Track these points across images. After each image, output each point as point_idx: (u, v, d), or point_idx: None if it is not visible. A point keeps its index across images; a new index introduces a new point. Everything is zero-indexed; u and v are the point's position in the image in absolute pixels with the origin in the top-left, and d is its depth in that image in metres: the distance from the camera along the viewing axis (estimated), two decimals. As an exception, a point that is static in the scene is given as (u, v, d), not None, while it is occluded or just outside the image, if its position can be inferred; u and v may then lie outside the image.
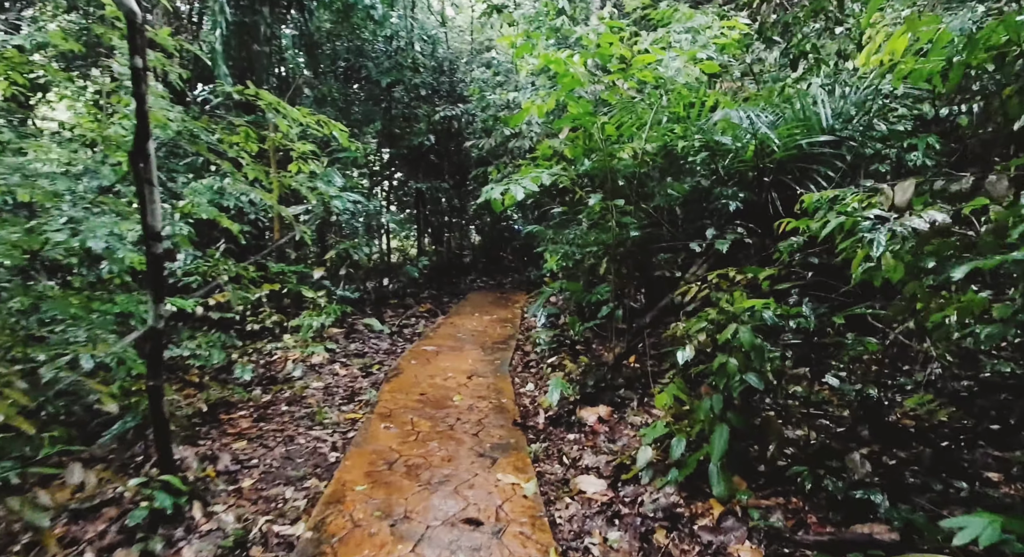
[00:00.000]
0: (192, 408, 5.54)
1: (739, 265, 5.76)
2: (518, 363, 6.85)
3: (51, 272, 6.48)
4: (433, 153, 13.59)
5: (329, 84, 11.64)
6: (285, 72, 11.94)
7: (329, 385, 6.52)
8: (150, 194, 3.26)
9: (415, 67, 12.16)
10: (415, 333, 8.85)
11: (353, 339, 8.27)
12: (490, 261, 16.76)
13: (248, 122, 7.68)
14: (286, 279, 8.16)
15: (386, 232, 13.54)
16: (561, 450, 4.33)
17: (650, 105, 4.97)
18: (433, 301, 11.39)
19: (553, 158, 6.03)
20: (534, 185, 4.10)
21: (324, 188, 6.99)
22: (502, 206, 4.05)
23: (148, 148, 3.25)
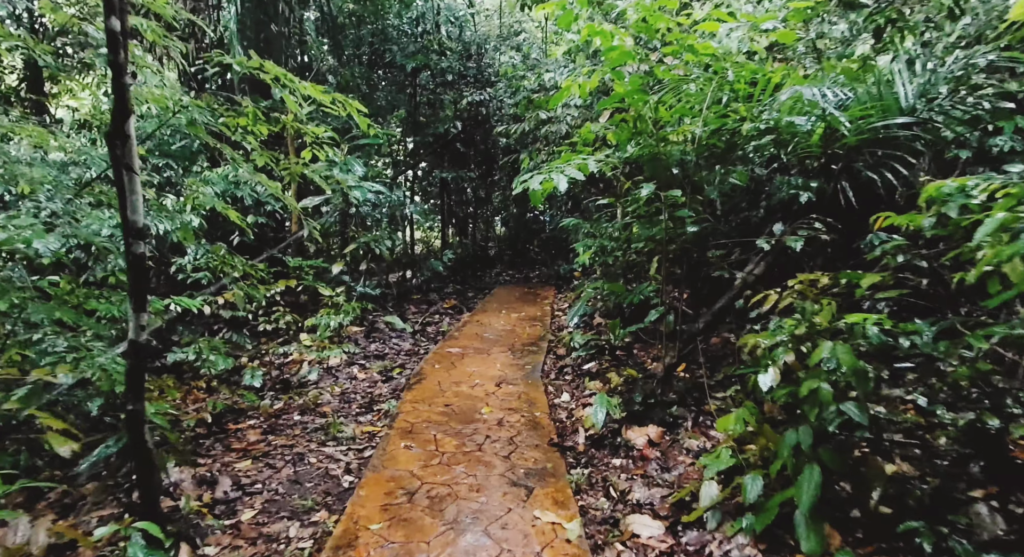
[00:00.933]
0: (196, 417, 5.09)
1: (802, 265, 5.12)
2: (551, 368, 6.27)
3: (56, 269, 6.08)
4: (459, 141, 13.03)
5: (353, 69, 11.13)
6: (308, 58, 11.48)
7: (346, 391, 6.02)
8: (130, 183, 2.75)
9: (441, 51, 11.58)
10: (439, 332, 8.32)
11: (373, 338, 7.77)
12: (516, 254, 16.18)
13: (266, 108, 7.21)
14: (303, 275, 7.69)
15: (410, 223, 13.04)
16: (607, 479, 3.75)
17: (708, 81, 4.33)
18: (458, 296, 10.86)
19: (595, 144, 5.42)
20: (579, 173, 3.51)
21: (343, 177, 6.47)
22: (542, 197, 3.48)
23: (127, 128, 2.73)
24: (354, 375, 6.48)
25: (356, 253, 7.90)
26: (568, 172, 3.50)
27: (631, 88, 4.34)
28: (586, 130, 5.11)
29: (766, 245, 4.11)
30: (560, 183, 3.42)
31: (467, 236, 16.50)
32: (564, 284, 11.60)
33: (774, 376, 2.79)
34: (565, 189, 3.40)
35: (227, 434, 4.97)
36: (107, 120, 4.28)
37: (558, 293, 10.92)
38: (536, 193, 3.46)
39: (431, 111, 12.37)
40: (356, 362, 6.86)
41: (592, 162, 3.69)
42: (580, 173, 3.50)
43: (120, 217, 2.76)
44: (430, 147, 12.47)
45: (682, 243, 4.36)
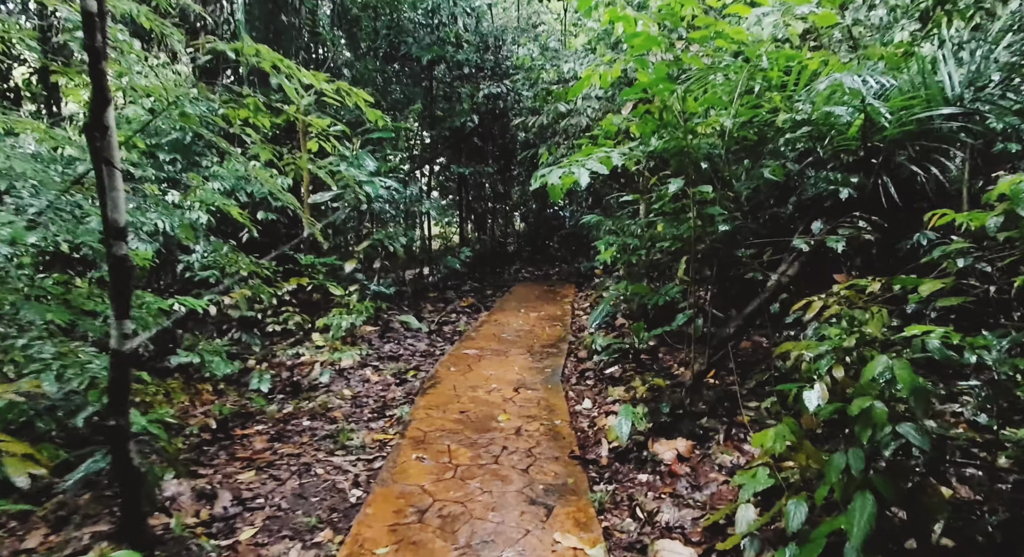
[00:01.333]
0: (201, 422, 4.90)
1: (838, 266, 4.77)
2: (571, 372, 5.99)
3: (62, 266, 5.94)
4: (476, 135, 12.75)
5: (367, 62, 10.90)
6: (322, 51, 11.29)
7: (358, 394, 5.80)
8: (110, 178, 2.52)
9: (458, 43, 11.31)
10: (455, 332, 8.08)
11: (388, 339, 7.55)
12: (535, 250, 15.90)
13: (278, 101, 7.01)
14: (315, 272, 7.49)
15: (427, 219, 12.81)
16: (632, 497, 3.47)
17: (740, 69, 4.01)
18: (475, 294, 10.61)
19: (617, 137, 5.11)
20: (603, 167, 3.22)
21: (353, 173, 6.24)
22: (562, 193, 3.19)
23: (106, 119, 2.50)
24: (367, 377, 6.26)
25: (370, 250, 7.68)
26: (590, 166, 3.21)
27: (656, 77, 4.02)
28: (608, 122, 4.80)
29: (804, 245, 3.79)
30: (581, 177, 3.13)
31: (485, 232, 16.24)
32: (584, 282, 11.29)
33: (821, 393, 2.48)
34: (586, 184, 3.11)
35: (233, 441, 4.78)
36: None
37: (578, 291, 10.62)
38: (556, 188, 3.17)
39: (448, 105, 12.11)
40: (369, 363, 6.64)
41: (616, 155, 3.40)
42: (603, 167, 3.21)
43: (101, 216, 2.53)
44: (447, 141, 12.22)
45: (712, 242, 4.04)
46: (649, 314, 5.89)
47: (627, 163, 4.49)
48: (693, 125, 4.05)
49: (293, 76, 3.21)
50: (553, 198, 3.21)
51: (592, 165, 3.23)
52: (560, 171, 3.20)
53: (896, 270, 4.36)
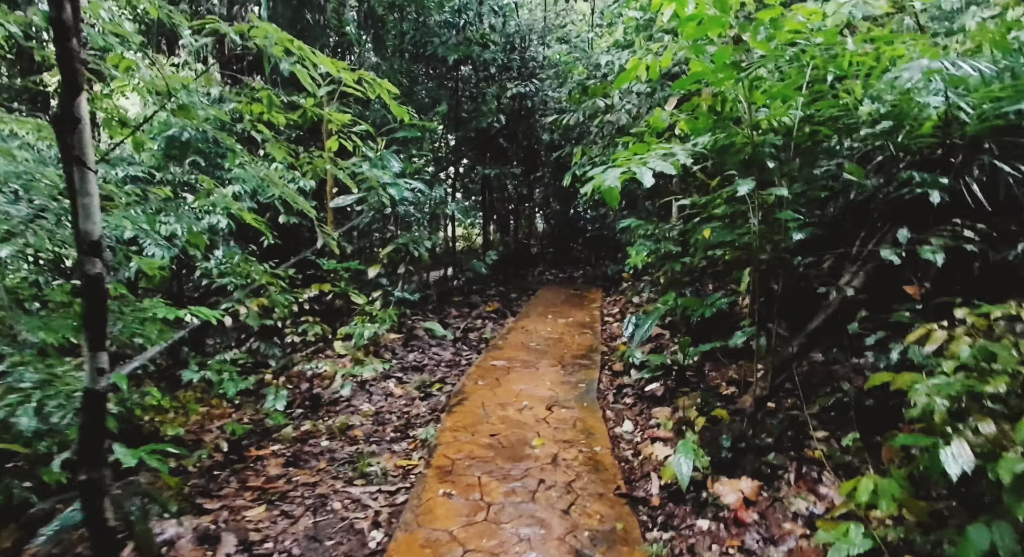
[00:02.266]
0: (213, 442, 4.43)
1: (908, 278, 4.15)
2: (607, 388, 5.42)
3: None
4: (502, 137, 12.21)
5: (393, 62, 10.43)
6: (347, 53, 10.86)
7: (380, 410, 5.30)
8: (82, 181, 2.02)
9: (484, 43, 10.77)
10: (482, 338, 7.55)
11: (412, 347, 7.05)
12: (559, 252, 15.32)
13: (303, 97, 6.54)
14: (338, 278, 7.01)
15: (451, 221, 12.31)
16: (694, 550, 2.90)
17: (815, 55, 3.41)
18: (500, 299, 10.08)
19: (665, 134, 4.54)
20: (669, 167, 2.66)
21: (377, 174, 5.74)
22: (618, 195, 2.64)
23: (77, 109, 2.00)
24: (390, 391, 5.76)
25: (394, 255, 7.18)
26: (654, 165, 2.66)
27: (717, 65, 3.43)
28: (656, 118, 4.23)
29: (894, 257, 3.17)
30: (644, 177, 2.58)
31: (508, 233, 15.72)
32: (612, 286, 10.69)
33: (965, 454, 1.89)
34: (649, 184, 2.55)
35: (246, 464, 4.30)
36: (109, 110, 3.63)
37: (606, 295, 10.03)
38: (612, 192, 2.62)
39: (473, 106, 11.58)
40: (392, 375, 6.14)
41: (681, 153, 2.83)
42: (669, 167, 2.65)
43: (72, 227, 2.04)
44: (472, 143, 11.70)
45: (781, 252, 3.46)
46: (692, 325, 5.29)
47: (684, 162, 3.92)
48: (758, 120, 3.46)
49: (307, 60, 2.69)
50: (610, 202, 2.65)
51: (657, 164, 2.67)
52: (617, 172, 2.64)
53: (987, 286, 3.74)
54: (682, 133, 4.45)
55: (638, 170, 2.63)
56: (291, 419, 5.25)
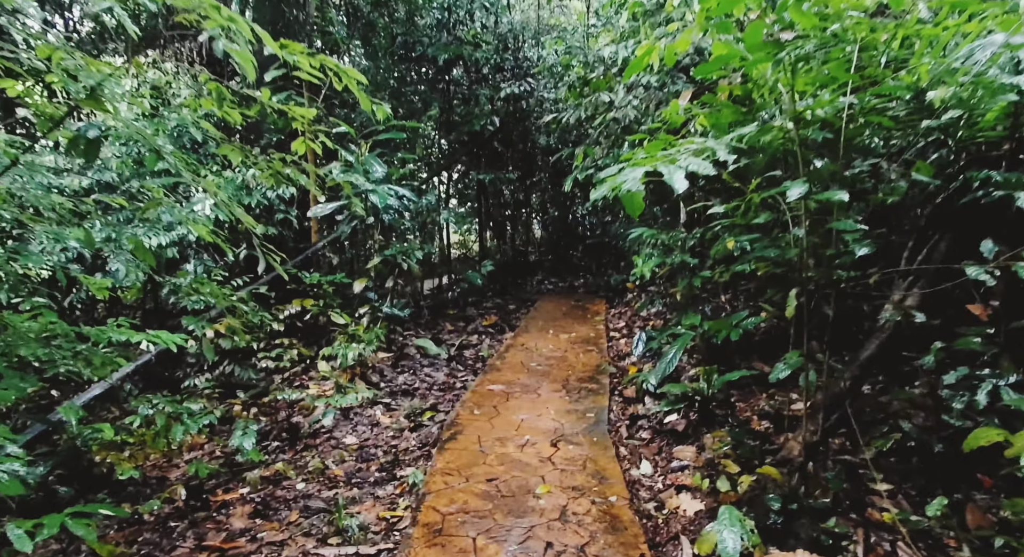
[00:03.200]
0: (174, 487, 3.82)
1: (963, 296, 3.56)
2: (618, 418, 4.81)
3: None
4: (496, 140, 11.63)
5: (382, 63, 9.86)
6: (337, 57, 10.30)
7: (365, 443, 4.69)
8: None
9: (476, 42, 10.20)
10: (478, 357, 6.94)
11: (402, 368, 6.43)
12: (558, 259, 14.70)
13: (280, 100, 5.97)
14: (322, 294, 6.40)
15: (446, 229, 11.71)
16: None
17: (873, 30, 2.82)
18: (498, 311, 9.46)
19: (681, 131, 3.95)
20: (705, 165, 2.06)
21: (357, 180, 5.14)
22: (642, 201, 2.04)
23: None
24: (376, 420, 5.14)
25: (382, 267, 6.57)
26: (685, 162, 2.06)
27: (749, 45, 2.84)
28: (672, 110, 3.64)
29: (986, 276, 2.57)
30: (675, 179, 1.98)
31: (505, 240, 15.12)
32: (616, 296, 10.09)
33: None
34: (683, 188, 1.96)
35: (208, 511, 3.69)
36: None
37: (610, 307, 9.42)
38: (633, 197, 2.02)
39: (465, 108, 11.00)
40: (380, 401, 5.52)
41: (720, 147, 2.23)
42: (705, 165, 2.05)
43: None
44: (465, 147, 11.12)
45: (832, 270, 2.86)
46: (713, 347, 4.69)
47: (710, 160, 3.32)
48: (801, 111, 2.86)
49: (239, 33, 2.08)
50: (630, 211, 2.06)
51: (690, 162, 2.07)
52: (638, 172, 2.04)
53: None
54: (701, 129, 3.86)
55: (666, 170, 2.03)
56: (266, 453, 4.63)
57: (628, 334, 7.43)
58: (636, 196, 2.03)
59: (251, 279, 6.56)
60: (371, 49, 10.33)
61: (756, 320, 4.31)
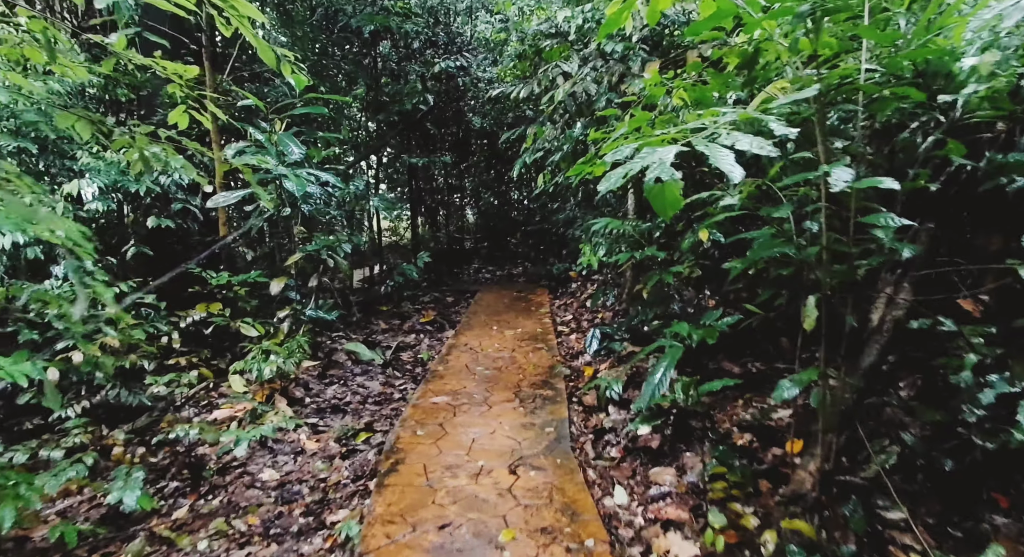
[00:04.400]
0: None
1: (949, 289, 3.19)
2: (581, 430, 4.23)
3: None
4: (429, 121, 10.76)
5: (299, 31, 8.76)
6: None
7: (287, 478, 3.89)
8: None
9: (405, 13, 9.24)
10: (417, 360, 6.20)
11: (331, 378, 5.60)
12: (494, 247, 14.03)
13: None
14: (235, 297, 5.47)
15: (376, 217, 10.75)
16: None
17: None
18: (436, 305, 8.71)
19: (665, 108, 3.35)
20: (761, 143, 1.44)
21: (270, 163, 4.26)
22: (681, 197, 1.40)
23: None
24: (300, 446, 4.33)
25: (305, 264, 5.69)
26: (731, 139, 1.43)
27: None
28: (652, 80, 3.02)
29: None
30: (723, 162, 1.36)
31: (438, 227, 14.31)
32: (558, 285, 9.54)
33: None
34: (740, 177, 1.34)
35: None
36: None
37: (554, 298, 8.86)
38: (666, 190, 1.37)
39: (395, 87, 10.05)
40: (305, 421, 4.70)
41: (775, 122, 1.62)
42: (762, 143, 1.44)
43: None
44: (395, 128, 10.18)
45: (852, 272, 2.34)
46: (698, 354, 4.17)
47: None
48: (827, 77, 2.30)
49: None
50: (661, 211, 1.41)
51: (737, 138, 1.44)
52: (665, 153, 1.39)
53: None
54: (679, 105, 3.26)
55: (710, 150, 1.40)
56: (162, 498, 3.75)
57: (577, 328, 6.89)
58: (670, 188, 1.38)
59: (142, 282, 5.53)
60: (286, 18, 9.19)
61: (731, 320, 3.82)
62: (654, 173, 1.38)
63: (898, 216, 2.05)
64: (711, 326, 3.81)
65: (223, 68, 7.03)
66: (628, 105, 3.85)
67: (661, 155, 1.41)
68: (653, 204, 1.42)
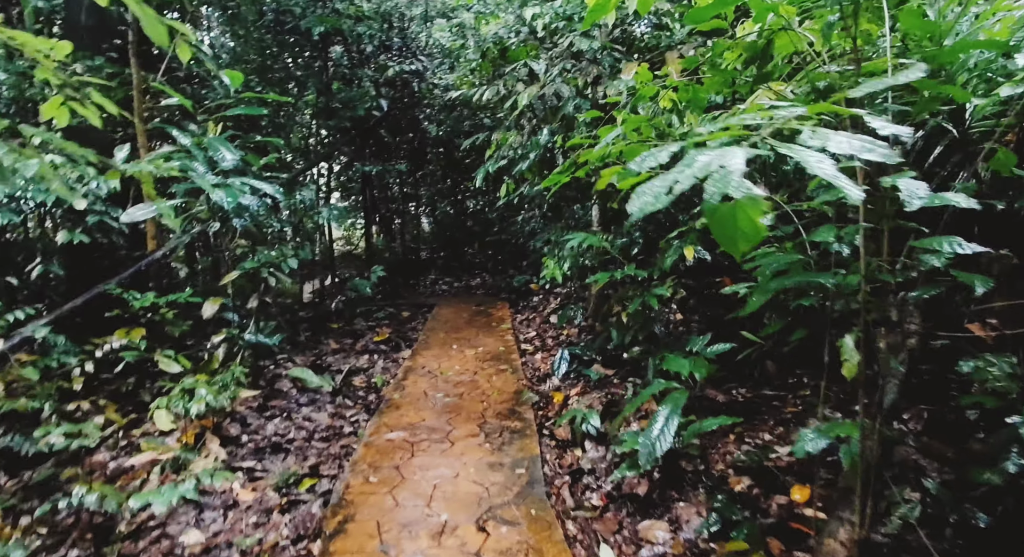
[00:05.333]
0: None
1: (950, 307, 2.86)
2: (555, 471, 3.71)
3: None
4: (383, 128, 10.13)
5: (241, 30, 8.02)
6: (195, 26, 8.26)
7: (214, 541, 3.23)
8: None
9: (357, 16, 8.60)
10: (370, 386, 5.56)
11: (273, 410, 4.90)
12: (451, 257, 13.41)
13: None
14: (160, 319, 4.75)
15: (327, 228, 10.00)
16: None
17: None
18: (391, 321, 8.05)
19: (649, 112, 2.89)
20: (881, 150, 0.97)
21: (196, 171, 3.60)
22: (763, 227, 0.93)
23: None
24: (233, 497, 3.65)
25: (244, 283, 4.99)
26: (820, 140, 0.96)
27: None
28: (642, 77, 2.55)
29: None
30: (825, 170, 0.88)
31: (392, 236, 13.63)
32: (519, 298, 9.03)
33: None
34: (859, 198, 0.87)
35: None
36: None
37: (515, 312, 8.34)
38: (739, 213, 0.89)
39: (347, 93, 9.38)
40: (239, 464, 4.02)
41: (878, 120, 1.16)
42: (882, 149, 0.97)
43: None
44: (348, 135, 9.49)
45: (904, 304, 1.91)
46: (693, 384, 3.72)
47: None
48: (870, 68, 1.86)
49: None
50: (729, 246, 0.93)
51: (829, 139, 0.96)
52: (731, 159, 0.91)
53: None
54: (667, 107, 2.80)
55: (798, 154, 0.91)
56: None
57: (542, 346, 6.39)
58: (746, 210, 0.88)
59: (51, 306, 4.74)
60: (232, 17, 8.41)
61: (722, 348, 3.38)
62: (718, 187, 0.89)
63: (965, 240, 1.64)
64: (698, 354, 3.37)
65: (156, 67, 6.27)
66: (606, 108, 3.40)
67: (725, 161, 0.92)
68: (716, 232, 0.93)
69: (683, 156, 1.02)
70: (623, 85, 3.47)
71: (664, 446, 2.39)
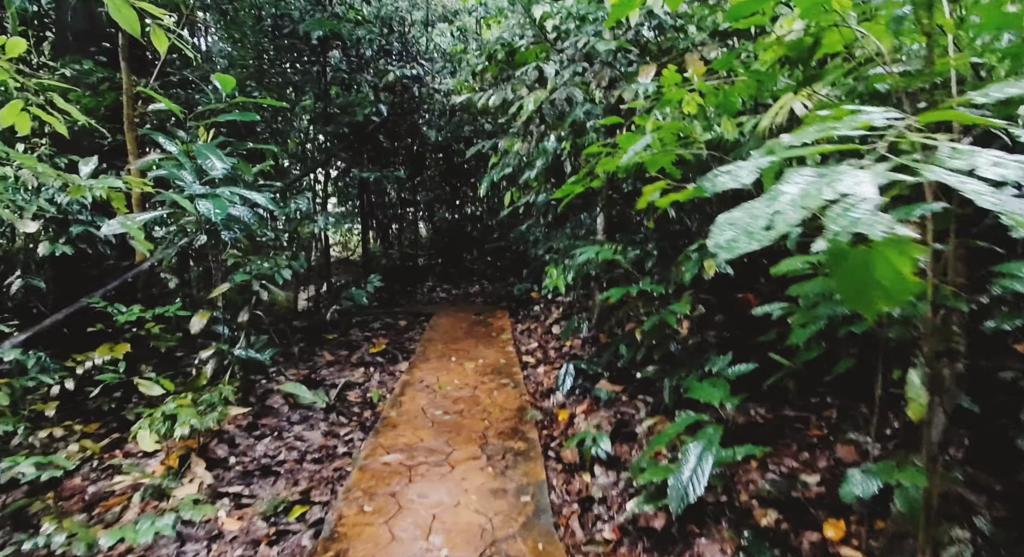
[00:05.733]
0: None
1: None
2: (563, 500, 3.44)
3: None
4: (382, 134, 9.87)
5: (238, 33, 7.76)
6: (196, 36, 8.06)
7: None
8: None
9: (357, 20, 8.36)
10: (366, 401, 5.28)
11: (263, 429, 4.62)
12: (449, 263, 13.13)
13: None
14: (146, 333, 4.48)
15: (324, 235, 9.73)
16: None
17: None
18: (388, 332, 7.78)
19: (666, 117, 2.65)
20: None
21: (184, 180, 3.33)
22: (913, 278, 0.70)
23: None
24: (218, 527, 3.37)
25: (234, 296, 4.72)
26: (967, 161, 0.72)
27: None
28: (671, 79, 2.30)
29: None
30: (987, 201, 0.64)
31: (389, 242, 13.36)
32: (520, 307, 8.76)
33: None
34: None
35: None
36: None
37: (515, 321, 8.08)
38: (884, 257, 0.66)
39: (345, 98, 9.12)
40: (226, 489, 3.73)
41: None
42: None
43: None
44: (346, 140, 9.24)
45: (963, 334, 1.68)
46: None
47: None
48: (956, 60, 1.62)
49: None
50: (863, 305, 0.70)
51: (983, 160, 0.72)
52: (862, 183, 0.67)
53: None
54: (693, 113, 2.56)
55: (954, 180, 0.67)
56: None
57: (544, 359, 6.13)
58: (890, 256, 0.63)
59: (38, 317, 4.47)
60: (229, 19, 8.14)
61: (746, 369, 3.14)
62: (847, 224, 0.64)
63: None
64: (719, 375, 3.12)
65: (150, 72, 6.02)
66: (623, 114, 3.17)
67: (847, 187, 0.67)
68: (842, 284, 0.68)
69: (774, 174, 0.77)
70: (640, 89, 3.23)
71: (698, 490, 2.14)
